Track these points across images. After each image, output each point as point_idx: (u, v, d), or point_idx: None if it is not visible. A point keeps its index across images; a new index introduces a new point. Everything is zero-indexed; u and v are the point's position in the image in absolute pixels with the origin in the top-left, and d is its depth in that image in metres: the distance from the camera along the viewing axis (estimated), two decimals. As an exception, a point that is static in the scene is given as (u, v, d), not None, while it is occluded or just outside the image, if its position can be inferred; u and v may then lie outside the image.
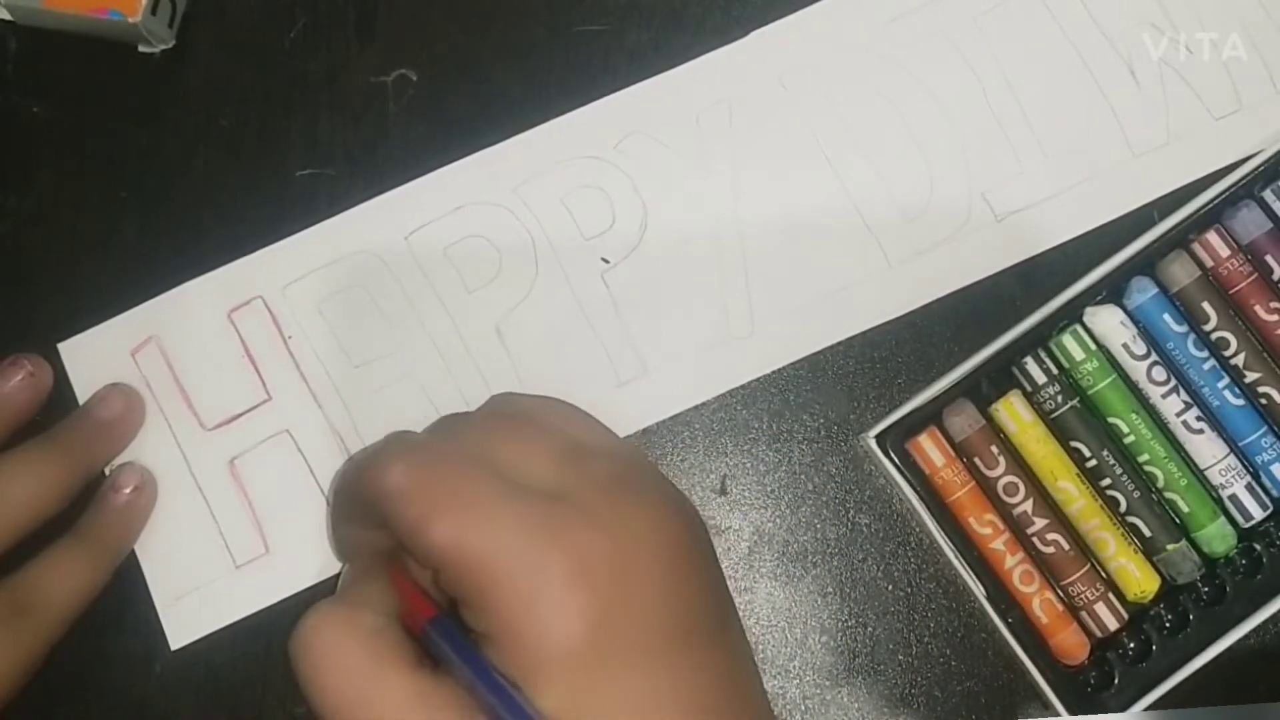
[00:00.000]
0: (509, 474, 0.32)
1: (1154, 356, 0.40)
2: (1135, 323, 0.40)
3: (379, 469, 0.32)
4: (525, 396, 0.39)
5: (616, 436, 0.37)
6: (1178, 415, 0.39)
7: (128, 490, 0.40)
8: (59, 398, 0.42)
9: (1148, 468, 0.39)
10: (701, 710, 0.31)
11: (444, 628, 0.32)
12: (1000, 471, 0.39)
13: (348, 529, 0.37)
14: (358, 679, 0.31)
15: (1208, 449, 0.39)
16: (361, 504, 0.34)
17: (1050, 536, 0.39)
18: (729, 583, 0.41)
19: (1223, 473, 0.39)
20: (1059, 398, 0.40)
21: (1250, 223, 0.40)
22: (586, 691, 0.30)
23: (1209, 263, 0.40)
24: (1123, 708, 0.39)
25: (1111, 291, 0.41)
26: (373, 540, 0.35)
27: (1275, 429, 0.40)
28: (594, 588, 0.30)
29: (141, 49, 0.43)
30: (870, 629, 0.41)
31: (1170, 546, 0.39)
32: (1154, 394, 0.40)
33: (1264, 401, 0.40)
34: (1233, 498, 0.39)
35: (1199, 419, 0.39)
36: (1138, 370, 0.40)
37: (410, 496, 0.31)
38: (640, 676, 0.31)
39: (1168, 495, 0.39)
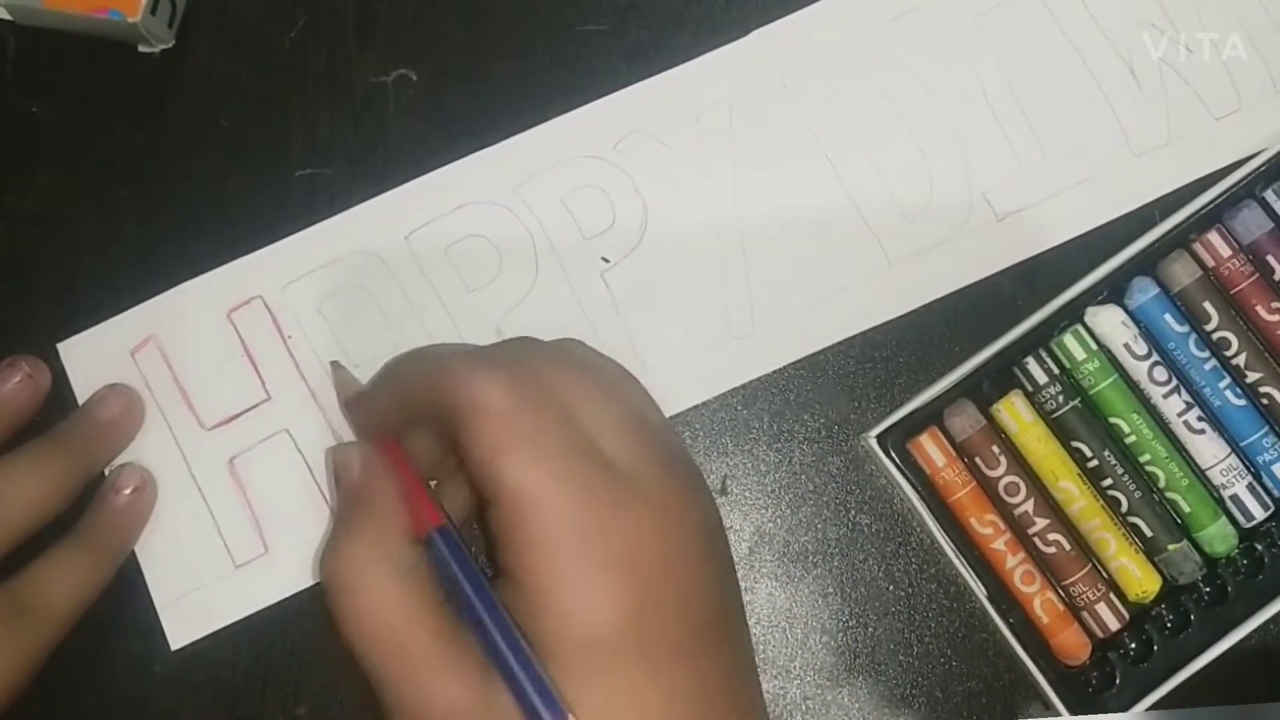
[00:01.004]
0: (582, 426, 0.32)
1: (1155, 356, 0.40)
2: (1136, 323, 0.40)
3: (473, 379, 0.32)
4: (597, 353, 0.38)
5: (669, 424, 0.38)
6: (1179, 415, 0.39)
7: (128, 491, 0.40)
8: (58, 398, 0.41)
9: (1149, 468, 0.39)
10: (713, 709, 0.32)
11: (451, 544, 0.32)
12: (1001, 471, 0.39)
13: (390, 409, 0.37)
14: (391, 621, 0.32)
15: (1209, 449, 0.39)
16: (427, 396, 0.33)
17: (1051, 536, 0.39)
18: (730, 583, 0.41)
19: (1224, 473, 0.39)
20: (1060, 398, 0.40)
21: (1251, 223, 0.40)
22: (613, 678, 0.30)
23: (1210, 263, 0.40)
24: (1124, 708, 0.39)
25: (1113, 291, 0.41)
26: (401, 427, 0.35)
27: (1276, 429, 0.40)
28: (645, 579, 0.31)
29: (141, 49, 0.43)
30: (871, 629, 0.41)
31: (1171, 547, 0.39)
32: (1155, 394, 0.40)
33: (1265, 402, 0.40)
34: (1234, 498, 0.39)
35: (1200, 419, 0.39)
36: (1139, 370, 0.40)
37: (499, 419, 0.31)
38: (672, 674, 0.31)
39: (1169, 495, 0.39)
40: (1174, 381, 0.40)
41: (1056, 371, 0.40)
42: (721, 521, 0.35)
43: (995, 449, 0.40)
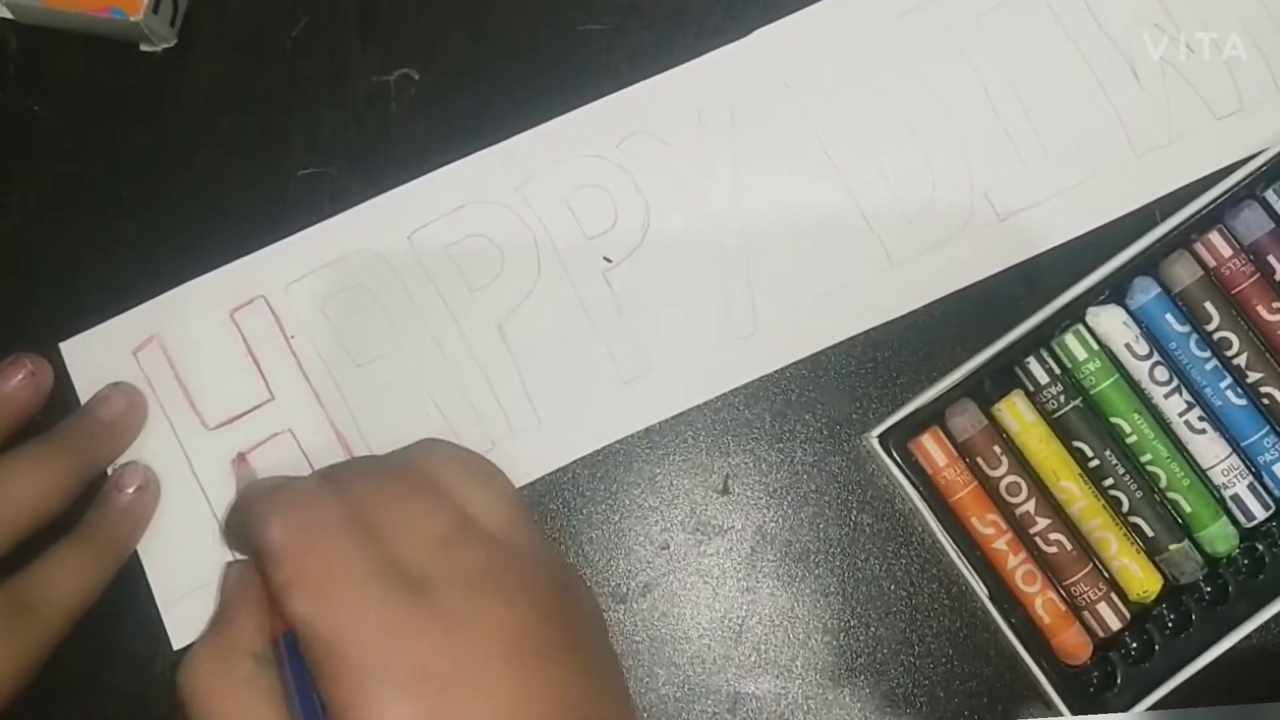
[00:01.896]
0: (384, 547, 0.33)
1: (1156, 356, 0.40)
2: (1138, 323, 0.40)
3: (260, 519, 0.33)
4: (448, 450, 0.37)
5: (519, 515, 0.36)
6: (1180, 415, 0.39)
7: (131, 490, 0.40)
8: (61, 397, 0.41)
9: (1150, 468, 0.39)
10: None
11: (293, 649, 0.33)
12: (1002, 471, 0.39)
13: (235, 541, 0.40)
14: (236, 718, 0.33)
15: (1210, 449, 0.39)
16: (249, 540, 0.34)
17: (1053, 536, 0.39)
18: (732, 582, 0.41)
19: (1225, 473, 0.39)
20: (1061, 397, 0.40)
21: (1252, 223, 0.40)
22: None
23: (1211, 263, 0.40)
24: (1125, 708, 0.39)
25: (1114, 291, 0.41)
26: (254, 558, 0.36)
27: (1277, 429, 0.40)
28: (426, 695, 0.31)
29: (143, 48, 0.43)
30: (872, 629, 0.41)
31: (1173, 546, 0.39)
32: (1156, 394, 0.40)
33: (1266, 401, 0.40)
34: (1235, 498, 0.39)
35: (1201, 419, 0.39)
36: (1140, 370, 0.40)
37: (280, 558, 0.32)
38: None
39: (1170, 495, 0.39)
40: (1175, 381, 0.40)
41: (1058, 371, 0.40)
42: (591, 610, 0.35)
43: (996, 449, 0.40)
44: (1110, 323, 0.40)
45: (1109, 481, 0.39)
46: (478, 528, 0.34)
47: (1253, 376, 0.40)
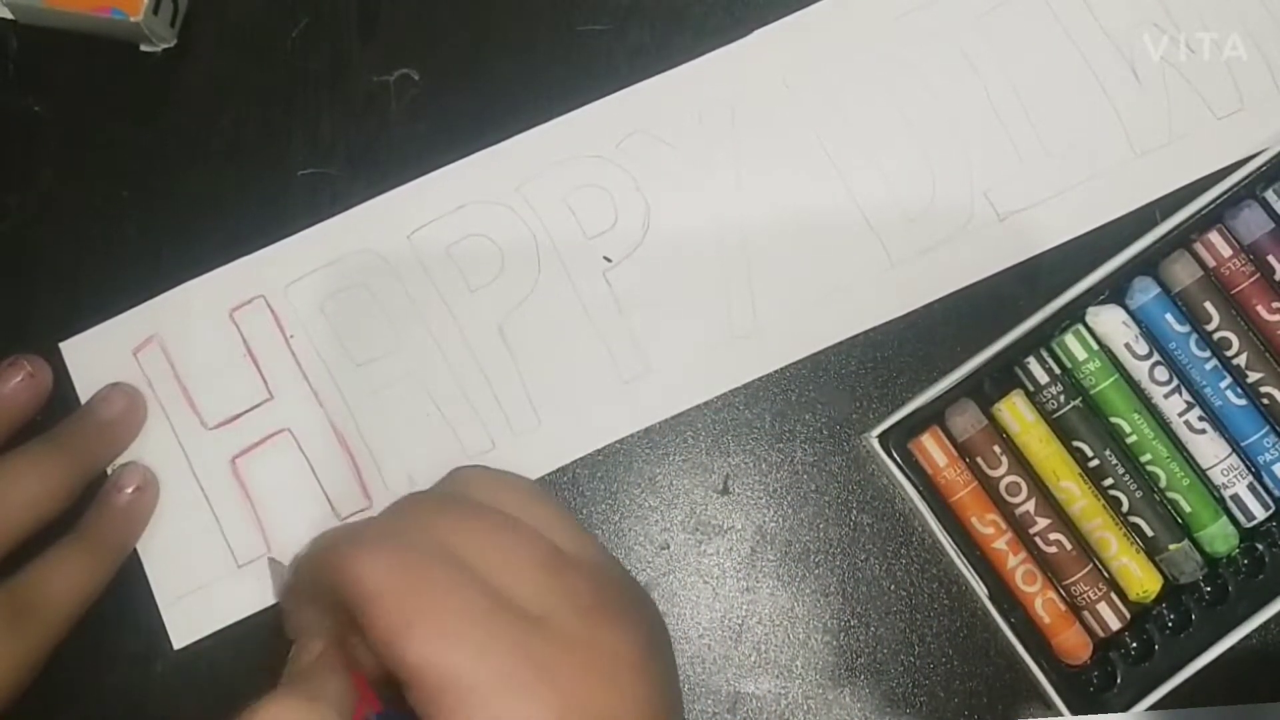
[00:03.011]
0: (492, 583, 0.31)
1: (1156, 356, 0.40)
2: (1137, 323, 0.40)
3: (357, 563, 0.30)
4: (498, 478, 0.36)
5: (590, 537, 0.35)
6: (1180, 415, 0.39)
7: (130, 490, 0.40)
8: (61, 397, 0.41)
9: (1150, 467, 0.39)
10: None
11: None
12: (1002, 471, 0.39)
13: (305, 611, 0.35)
14: None
15: (1210, 449, 0.39)
16: (325, 590, 0.32)
17: (1052, 536, 0.39)
18: (732, 582, 0.41)
19: (1225, 472, 0.39)
20: (1061, 397, 0.40)
21: (1252, 223, 0.40)
22: None
23: (1211, 263, 0.40)
24: (1125, 708, 0.39)
25: (1114, 291, 0.41)
26: (329, 626, 0.34)
27: (1277, 429, 0.40)
28: None
29: (143, 48, 0.43)
30: (872, 629, 0.41)
31: (1172, 546, 0.39)
32: (1156, 394, 0.40)
33: (1266, 401, 0.40)
34: (1235, 497, 0.39)
35: (1201, 419, 0.39)
36: (1140, 370, 0.40)
37: (389, 602, 0.30)
38: None
39: (1170, 495, 0.39)
40: (1175, 381, 0.40)
41: (1058, 371, 0.40)
42: (663, 626, 0.34)
43: (996, 449, 0.40)
44: (1110, 322, 0.40)
45: (1109, 481, 0.39)
46: (570, 556, 0.33)
47: (1252, 376, 0.40)
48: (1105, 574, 0.39)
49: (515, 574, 0.31)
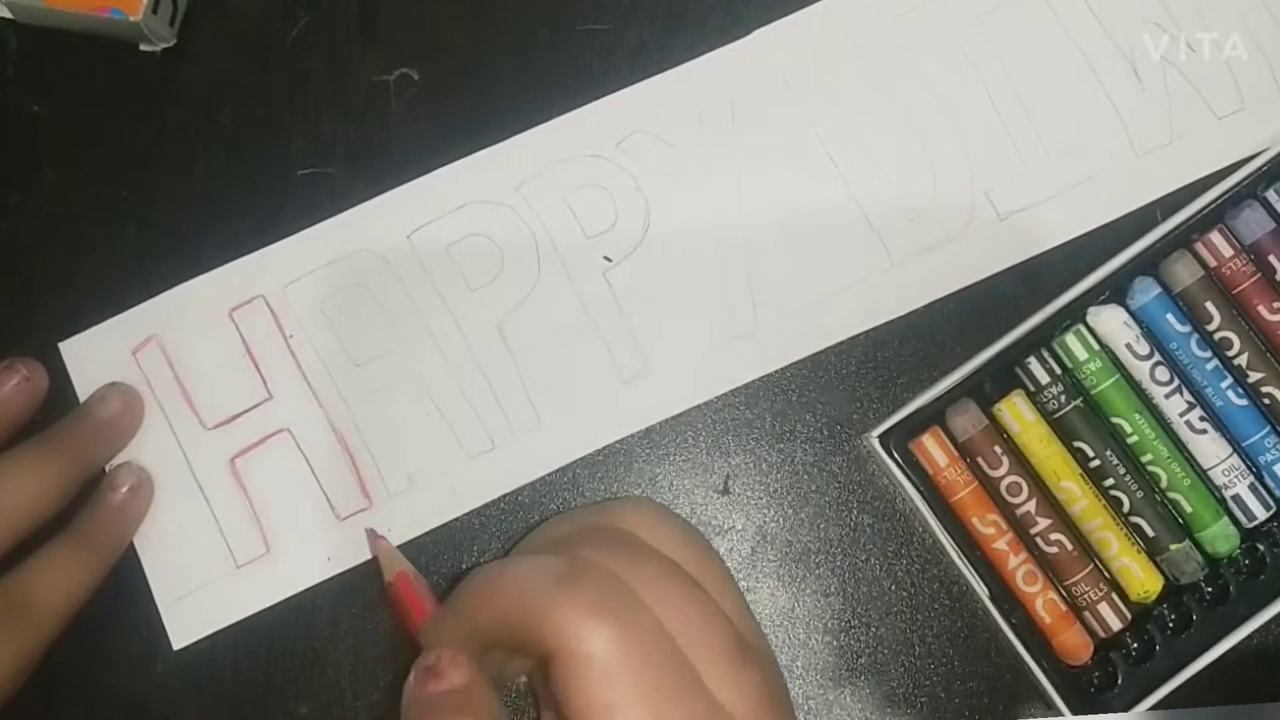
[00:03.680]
0: (688, 665, 0.30)
1: (1157, 356, 0.40)
2: (1138, 323, 0.40)
3: (579, 626, 0.29)
4: (684, 533, 0.35)
5: (753, 619, 0.35)
6: (1181, 415, 0.39)
7: (124, 490, 0.40)
8: (60, 397, 0.41)
9: (1151, 468, 0.39)
10: None
11: None
12: (1003, 471, 0.39)
13: (471, 638, 0.33)
14: None
15: (1211, 449, 0.39)
16: (520, 633, 0.31)
17: (1053, 536, 0.39)
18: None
19: (1226, 473, 0.39)
20: (1062, 398, 0.40)
21: (1253, 222, 0.40)
22: None
23: (1212, 263, 0.40)
24: (1126, 708, 0.39)
25: (1114, 291, 0.41)
26: (479, 644, 0.33)
27: (1278, 429, 0.40)
28: None
29: (143, 47, 0.43)
30: (873, 629, 0.41)
31: (1173, 546, 0.39)
32: (1157, 394, 0.40)
33: (1267, 401, 0.40)
34: (1236, 498, 0.39)
35: (1202, 419, 0.39)
36: (1141, 370, 0.40)
37: (606, 673, 0.29)
38: None
39: (1171, 495, 0.39)
40: (1176, 381, 0.40)
41: (1058, 371, 0.40)
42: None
43: (997, 449, 0.40)
44: (1111, 323, 0.40)
45: (1110, 481, 0.39)
46: (749, 645, 0.32)
47: (1253, 376, 0.40)
48: (1106, 574, 0.39)
49: (709, 659, 0.31)
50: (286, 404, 0.42)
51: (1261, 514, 0.39)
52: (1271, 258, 0.40)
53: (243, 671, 0.41)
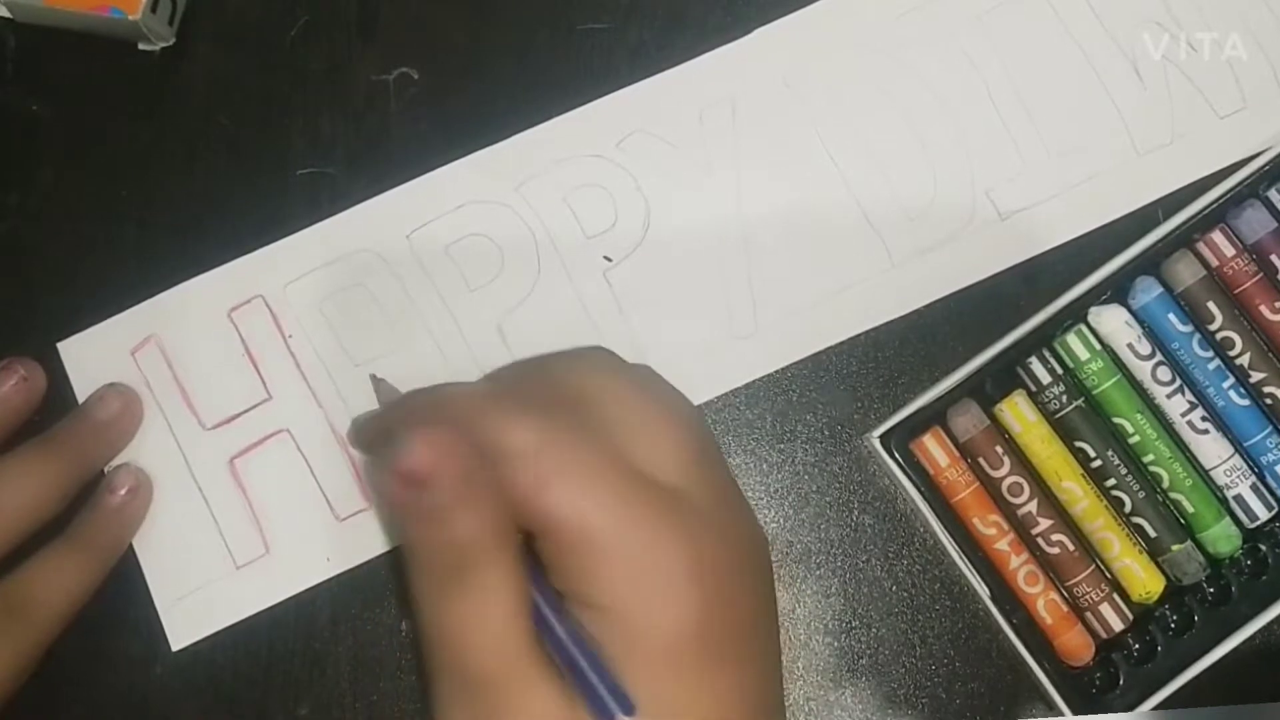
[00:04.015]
0: (636, 461, 0.32)
1: (1159, 356, 0.40)
2: (1140, 322, 0.40)
3: (505, 422, 0.32)
4: (645, 371, 0.37)
5: (706, 427, 0.37)
6: (1183, 415, 0.39)
7: (123, 492, 0.40)
8: (58, 397, 0.41)
9: (1152, 468, 0.39)
10: (765, 710, 0.33)
11: (534, 576, 0.32)
12: (1004, 472, 0.39)
13: (435, 445, 0.34)
14: (492, 649, 0.31)
15: (1213, 449, 0.39)
16: (463, 437, 0.32)
17: (1055, 537, 0.39)
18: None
19: (1228, 473, 0.39)
20: (1063, 398, 0.39)
21: (1255, 222, 0.40)
22: (678, 682, 0.31)
23: (1214, 262, 0.40)
24: (1128, 708, 0.39)
25: (1116, 291, 0.41)
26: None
27: (1280, 429, 0.40)
28: (707, 587, 0.31)
29: (142, 46, 0.43)
30: (874, 630, 0.41)
31: (1175, 547, 0.39)
32: (1159, 394, 0.39)
33: (1269, 402, 0.40)
34: (1238, 498, 0.39)
35: (1204, 419, 0.39)
36: (1142, 370, 0.40)
37: (534, 454, 0.31)
38: (728, 676, 0.32)
39: (1172, 496, 0.39)
40: (1177, 381, 0.40)
41: (1060, 371, 0.40)
42: (763, 535, 0.35)
43: (998, 449, 0.39)
44: (1112, 322, 0.40)
45: (1111, 482, 0.39)
46: (710, 453, 0.35)
47: (1256, 376, 0.40)
48: (1108, 575, 0.39)
49: (660, 456, 0.33)
50: (286, 404, 0.42)
51: (1263, 514, 0.39)
52: (1273, 257, 0.40)
53: (242, 672, 0.40)
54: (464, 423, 0.32)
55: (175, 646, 0.40)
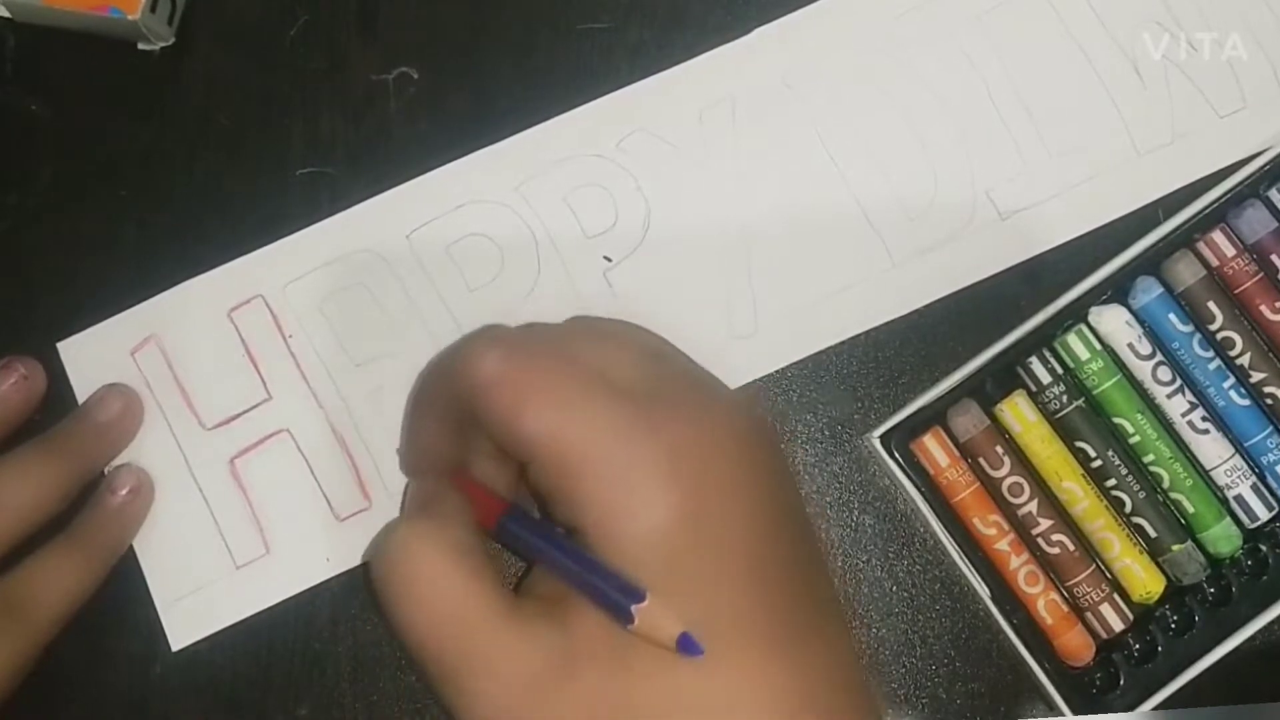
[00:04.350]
0: (600, 369, 0.33)
1: (1159, 356, 0.40)
2: (1140, 322, 0.40)
3: (473, 358, 0.33)
4: (604, 318, 0.40)
5: (689, 358, 0.38)
6: (1183, 415, 0.39)
7: (124, 492, 0.40)
8: (58, 397, 0.41)
9: (1153, 468, 0.39)
10: (783, 600, 0.32)
11: (521, 517, 0.33)
12: (1005, 472, 0.39)
13: (428, 427, 0.37)
14: (451, 596, 0.32)
15: (1213, 449, 0.39)
16: (448, 399, 0.34)
17: (1055, 537, 0.39)
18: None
19: (1228, 473, 0.39)
20: (1064, 398, 0.39)
21: (1256, 222, 0.40)
22: (675, 576, 0.31)
23: (1214, 262, 0.40)
24: (1128, 709, 0.39)
25: (1116, 291, 0.40)
26: (450, 444, 0.36)
27: (1281, 429, 0.40)
28: (684, 479, 0.31)
29: (141, 46, 0.43)
30: (874, 630, 0.41)
31: (1175, 547, 0.39)
32: (1159, 394, 0.39)
33: (1269, 402, 0.40)
34: (1238, 498, 0.39)
35: (1204, 419, 0.39)
36: (1143, 370, 0.40)
37: (504, 385, 0.32)
38: (726, 562, 0.32)
39: (1173, 496, 0.39)
40: (1178, 381, 0.40)
41: (1060, 371, 0.40)
42: (772, 429, 0.36)
43: (999, 449, 0.39)
44: (1113, 322, 0.40)
45: (1111, 482, 0.39)
46: (666, 353, 0.37)
47: (1256, 376, 0.40)
48: (1108, 575, 0.39)
49: (618, 365, 0.34)
50: (286, 404, 0.42)
51: (1264, 514, 0.39)
52: (1274, 257, 0.40)
53: (242, 672, 0.40)
54: (450, 372, 0.34)
55: (175, 646, 0.40)
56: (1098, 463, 0.39)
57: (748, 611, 0.32)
